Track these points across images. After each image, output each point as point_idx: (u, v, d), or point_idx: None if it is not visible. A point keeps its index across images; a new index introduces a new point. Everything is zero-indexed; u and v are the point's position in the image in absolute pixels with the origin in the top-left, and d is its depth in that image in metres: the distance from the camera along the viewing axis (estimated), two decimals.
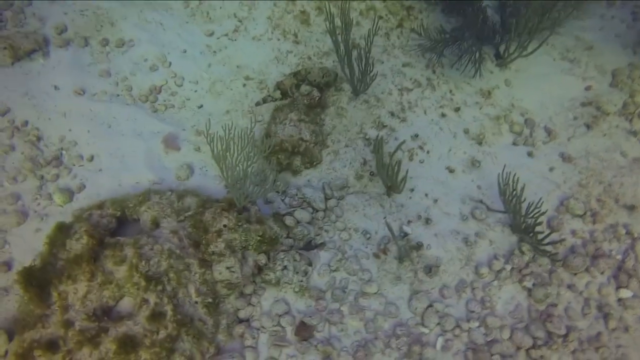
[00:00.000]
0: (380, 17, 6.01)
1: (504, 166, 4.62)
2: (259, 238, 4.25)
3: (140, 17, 6.09)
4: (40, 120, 5.25)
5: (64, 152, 5.12)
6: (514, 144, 5.27)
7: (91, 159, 5.09)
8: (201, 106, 5.53)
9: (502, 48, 5.63)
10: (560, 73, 5.76)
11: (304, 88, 5.10)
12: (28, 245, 4.60)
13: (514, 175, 4.42)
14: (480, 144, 5.19)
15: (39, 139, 5.16)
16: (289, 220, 4.58)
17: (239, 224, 4.24)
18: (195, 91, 5.63)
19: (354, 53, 5.03)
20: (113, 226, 4.46)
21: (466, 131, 5.27)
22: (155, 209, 4.46)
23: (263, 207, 4.72)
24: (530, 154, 5.17)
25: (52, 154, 5.07)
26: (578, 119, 5.42)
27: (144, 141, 5.22)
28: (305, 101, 5.12)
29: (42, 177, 4.96)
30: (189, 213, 4.44)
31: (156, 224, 4.39)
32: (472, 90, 5.56)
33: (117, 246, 4.09)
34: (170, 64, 5.78)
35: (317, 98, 5.14)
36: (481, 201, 4.83)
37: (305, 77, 5.28)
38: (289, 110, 5.06)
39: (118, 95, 5.53)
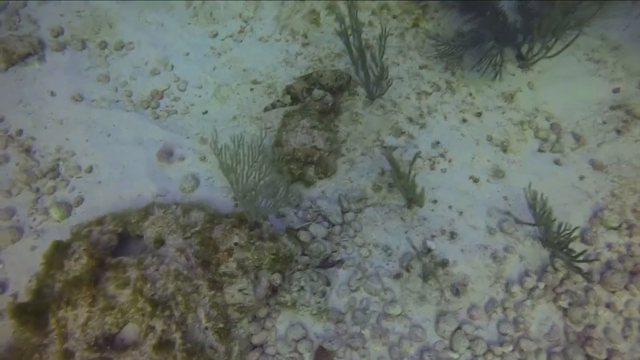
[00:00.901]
0: (394, 17, 5.71)
1: (530, 183, 4.30)
2: (272, 256, 3.94)
3: (140, 18, 5.79)
4: (35, 128, 4.95)
5: (61, 162, 4.81)
6: (540, 150, 4.97)
7: (90, 170, 4.78)
8: (206, 112, 5.22)
9: (524, 49, 5.32)
10: (586, 74, 5.45)
11: (317, 92, 4.79)
12: (24, 265, 4.30)
13: (542, 195, 4.11)
14: (504, 151, 4.88)
15: (33, 149, 4.83)
16: (303, 236, 4.27)
17: (251, 241, 3.93)
18: (200, 96, 5.32)
19: (368, 54, 4.71)
20: (114, 244, 4.15)
21: (489, 138, 4.96)
22: (159, 224, 4.15)
23: (275, 222, 4.41)
24: (557, 162, 4.86)
25: (48, 165, 4.76)
26: (607, 124, 5.11)
27: (146, 150, 4.92)
28: (318, 107, 4.81)
29: (37, 190, 4.65)
30: (196, 229, 4.13)
31: (161, 241, 4.07)
32: (493, 93, 5.26)
33: (119, 267, 3.78)
34: (172, 67, 5.49)
35: (331, 103, 4.83)
36: (509, 213, 4.52)
37: (317, 81, 4.96)
38: (301, 117, 4.75)
39: (118, 101, 5.23)
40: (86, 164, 4.81)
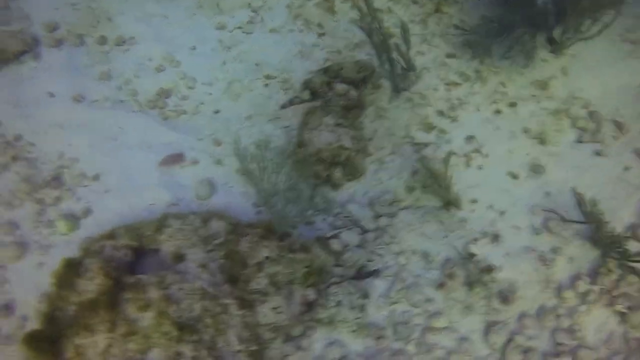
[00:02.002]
0: (414, 2, 5.38)
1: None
2: (305, 269, 3.64)
3: (141, 10, 5.42)
4: (35, 134, 4.61)
5: (64, 170, 4.46)
6: (579, 141, 4.67)
7: (96, 177, 4.45)
8: (218, 111, 4.88)
9: (556, 33, 5.00)
10: (622, 57, 5.14)
11: (340, 87, 4.45)
12: (30, 283, 3.98)
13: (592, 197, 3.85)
14: (542, 143, 4.58)
15: (33, 156, 4.49)
16: (335, 245, 3.97)
17: (282, 253, 3.63)
18: (210, 94, 4.98)
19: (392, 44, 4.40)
20: (129, 259, 3.83)
21: (526, 129, 4.66)
22: (177, 237, 3.83)
23: (303, 230, 4.09)
24: (599, 153, 4.57)
25: (51, 174, 4.42)
26: None
27: (156, 154, 4.59)
28: (342, 102, 4.47)
29: (41, 200, 4.31)
30: (219, 241, 3.81)
31: (180, 256, 3.75)
32: (526, 81, 4.95)
33: (139, 287, 3.46)
34: (178, 63, 5.13)
35: (355, 98, 4.49)
36: (553, 211, 4.22)
37: (337, 73, 4.63)
38: (323, 114, 4.42)
39: (122, 101, 4.87)
40: (92, 171, 4.46)
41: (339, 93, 4.47)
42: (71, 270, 3.61)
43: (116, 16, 5.38)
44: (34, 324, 3.71)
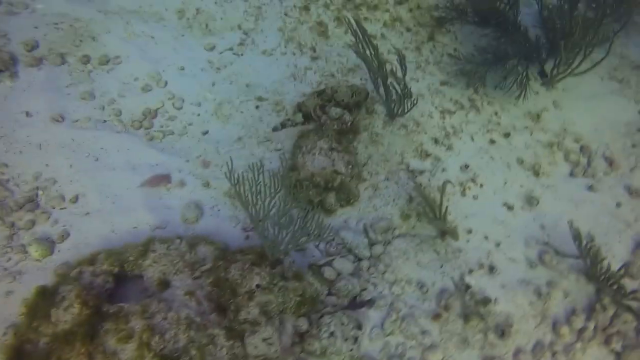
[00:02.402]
0: (408, 29, 5.38)
1: (571, 220, 3.98)
2: (298, 298, 3.49)
3: (126, 30, 5.28)
4: (9, 154, 4.38)
5: (40, 192, 4.24)
6: (572, 175, 4.67)
7: (75, 199, 4.23)
8: (206, 132, 4.74)
9: (547, 66, 5.04)
10: (611, 94, 5.24)
11: (334, 111, 4.37)
12: None
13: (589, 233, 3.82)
14: (537, 175, 4.56)
15: (6, 177, 4.26)
16: (328, 272, 3.83)
17: (274, 281, 3.47)
18: (199, 115, 4.84)
19: (387, 70, 4.35)
20: (110, 286, 3.62)
21: (520, 161, 4.64)
22: (162, 262, 3.65)
23: (295, 256, 3.94)
24: (591, 188, 4.57)
25: (25, 196, 4.19)
26: (637, 147, 4.87)
27: (140, 176, 4.41)
28: (336, 126, 4.38)
29: (12, 224, 4.07)
30: (206, 267, 3.64)
31: (166, 283, 3.57)
32: (519, 112, 4.95)
33: (120, 317, 3.25)
34: (166, 83, 4.99)
35: (350, 122, 4.41)
36: (547, 244, 4.17)
37: (331, 97, 4.56)
38: (317, 137, 4.32)
39: (105, 121, 4.70)
40: (71, 193, 4.25)
41: (333, 117, 4.39)
42: (45, 298, 3.38)
43: (100, 35, 5.23)
44: None
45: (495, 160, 4.61)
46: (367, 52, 4.26)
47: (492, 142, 4.71)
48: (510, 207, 4.37)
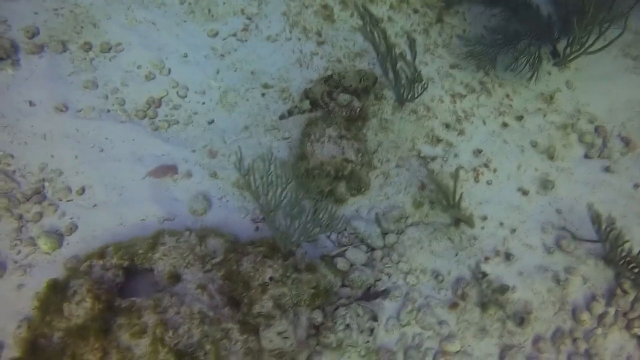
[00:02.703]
0: (415, 11, 5.27)
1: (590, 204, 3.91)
2: (312, 291, 3.43)
3: (128, 16, 5.17)
4: (14, 145, 4.31)
5: (46, 184, 4.18)
6: (587, 156, 4.58)
7: (82, 191, 4.16)
8: (212, 121, 4.65)
9: (559, 46, 4.93)
10: (625, 72, 5.12)
11: (342, 97, 4.28)
12: (9, 308, 3.66)
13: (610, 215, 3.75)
14: (551, 158, 4.47)
15: (12, 168, 4.20)
16: (341, 263, 3.77)
17: (287, 274, 3.41)
18: (203, 103, 4.75)
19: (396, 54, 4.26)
20: (120, 280, 3.57)
21: (534, 143, 4.55)
22: (172, 255, 3.59)
23: (306, 247, 3.88)
24: (608, 169, 4.49)
25: (31, 187, 4.12)
26: None
27: (146, 167, 4.33)
28: (344, 113, 4.30)
29: (20, 217, 4.01)
30: (217, 259, 3.59)
31: (176, 276, 3.51)
32: (531, 94, 4.86)
33: (132, 311, 3.20)
34: (169, 71, 4.90)
35: (359, 109, 4.33)
36: (564, 228, 4.10)
37: (339, 83, 4.47)
38: (326, 125, 4.24)
39: (109, 110, 4.61)
40: (77, 184, 4.19)
41: (341, 104, 4.30)
42: (56, 293, 3.34)
43: (101, 22, 5.13)
44: (13, 353, 3.42)
45: (509, 144, 4.53)
46: (375, 35, 4.16)
47: (505, 125, 4.63)
48: (525, 192, 4.29)
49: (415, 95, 4.36)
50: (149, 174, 4.30)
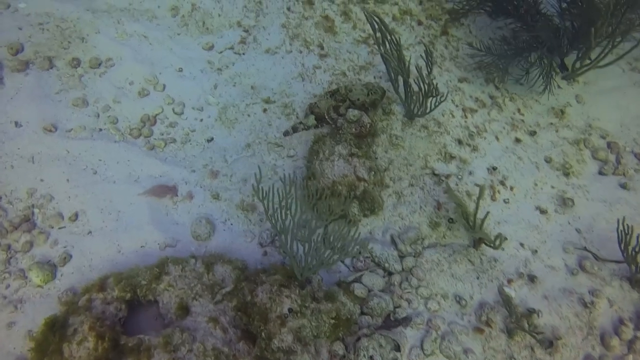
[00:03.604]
0: (419, 23, 5.16)
1: (622, 218, 3.80)
2: (333, 321, 3.24)
3: (118, 29, 4.97)
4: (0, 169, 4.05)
5: (36, 210, 3.94)
6: (601, 173, 4.50)
7: (75, 217, 3.93)
8: (211, 139, 4.47)
9: (568, 59, 4.87)
10: (633, 86, 5.09)
11: (352, 113, 4.13)
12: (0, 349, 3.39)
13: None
14: (567, 175, 4.37)
15: None
16: (358, 290, 3.59)
17: (306, 304, 3.22)
18: (201, 120, 4.57)
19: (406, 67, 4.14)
20: (123, 314, 3.34)
21: (548, 160, 4.46)
22: (179, 286, 3.38)
23: (320, 272, 3.70)
24: (624, 186, 4.41)
25: (20, 215, 3.88)
26: None
27: (144, 189, 4.11)
28: (354, 129, 4.15)
29: (8, 247, 3.77)
30: (227, 289, 3.39)
31: (185, 309, 3.30)
32: (542, 108, 4.78)
33: (141, 351, 2.98)
34: (164, 86, 4.71)
35: (369, 125, 4.18)
36: (585, 249, 3.99)
37: (345, 97, 4.33)
38: (334, 142, 4.09)
39: (101, 130, 4.40)
40: (69, 210, 3.95)
41: (350, 120, 4.15)
42: (54, 331, 3.10)
43: (90, 36, 4.91)
44: None
45: (523, 161, 4.43)
46: (387, 47, 4.03)
47: (518, 141, 4.53)
48: (543, 211, 4.19)
49: (428, 110, 4.23)
50: (148, 192, 4.09)
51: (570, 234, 4.10)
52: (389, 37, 3.94)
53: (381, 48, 3.93)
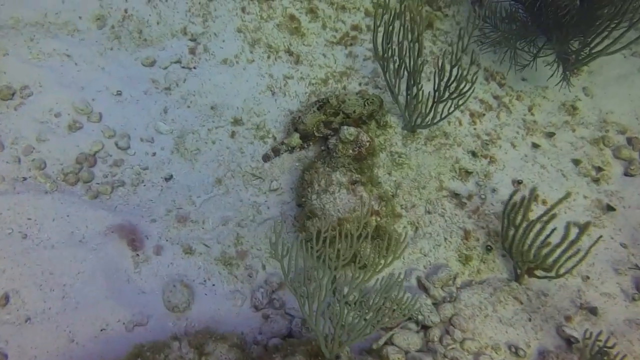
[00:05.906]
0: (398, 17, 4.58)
1: None
2: None
3: (32, 48, 4.15)
4: None
5: None
6: (627, 174, 4.10)
7: (5, 300, 3.09)
8: (170, 177, 3.73)
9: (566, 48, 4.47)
10: (638, 72, 4.73)
11: (347, 132, 3.49)
12: None
13: None
14: (596, 181, 3.94)
15: None
16: (394, 355, 2.96)
17: None
18: (154, 154, 3.82)
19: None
20: None
21: (576, 163, 4.02)
22: None
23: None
24: None
25: None
26: None
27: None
28: (351, 151, 3.51)
29: None
30: None
31: None
32: (552, 106, 4.37)
33: None
34: (100, 116, 3.94)
35: (368, 143, 3.56)
36: (637, 266, 3.55)
37: (338, 109, 3.70)
38: (329, 169, 3.45)
39: (25, 179, 3.57)
40: None
41: (345, 139, 3.51)
42: None
43: None
44: None
45: (548, 170, 3.96)
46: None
47: (536, 146, 4.06)
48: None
49: (438, 119, 3.67)
50: (111, 230, 3.31)
51: (616, 251, 3.66)
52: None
53: (378, 50, 3.33)
